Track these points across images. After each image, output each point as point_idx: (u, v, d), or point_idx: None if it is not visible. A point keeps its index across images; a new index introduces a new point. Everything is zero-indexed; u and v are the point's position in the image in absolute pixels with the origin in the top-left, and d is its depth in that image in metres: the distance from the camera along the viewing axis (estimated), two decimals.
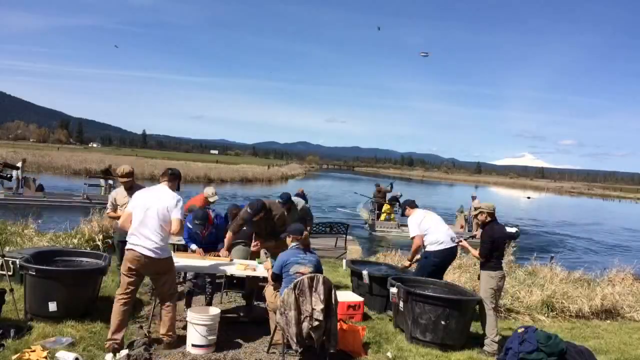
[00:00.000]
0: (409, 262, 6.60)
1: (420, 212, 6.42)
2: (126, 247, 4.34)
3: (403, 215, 6.78)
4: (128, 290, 4.31)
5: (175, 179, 4.66)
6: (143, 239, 4.25)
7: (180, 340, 4.49)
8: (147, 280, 5.06)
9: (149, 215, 4.29)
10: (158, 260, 4.30)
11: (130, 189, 5.51)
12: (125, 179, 5.68)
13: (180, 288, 6.61)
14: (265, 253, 6.28)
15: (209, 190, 7.02)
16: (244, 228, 6.67)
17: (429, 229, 6.13)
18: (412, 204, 6.57)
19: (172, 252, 5.84)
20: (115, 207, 5.73)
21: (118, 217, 5.32)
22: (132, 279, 4.32)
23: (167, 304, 4.47)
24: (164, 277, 4.45)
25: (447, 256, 6.14)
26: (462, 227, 17.01)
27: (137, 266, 4.28)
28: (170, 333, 4.46)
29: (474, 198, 17.87)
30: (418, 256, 6.40)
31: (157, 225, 4.27)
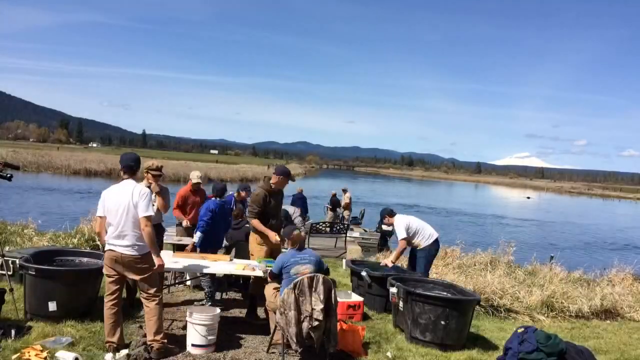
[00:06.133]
0: (392, 263, 6.78)
1: (403, 217, 6.89)
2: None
3: (382, 224, 7.15)
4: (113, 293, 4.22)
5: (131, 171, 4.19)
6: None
7: (174, 343, 4.38)
8: None
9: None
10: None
11: None
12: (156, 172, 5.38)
13: (185, 284, 6.63)
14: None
15: (193, 174, 7.00)
16: (246, 225, 6.62)
17: (418, 228, 6.74)
18: (392, 212, 7.00)
19: (172, 251, 5.83)
20: None
21: None
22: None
23: (149, 306, 4.23)
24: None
25: (438, 247, 6.93)
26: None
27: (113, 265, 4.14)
28: (158, 338, 4.17)
29: (345, 191, 18.06)
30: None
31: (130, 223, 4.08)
